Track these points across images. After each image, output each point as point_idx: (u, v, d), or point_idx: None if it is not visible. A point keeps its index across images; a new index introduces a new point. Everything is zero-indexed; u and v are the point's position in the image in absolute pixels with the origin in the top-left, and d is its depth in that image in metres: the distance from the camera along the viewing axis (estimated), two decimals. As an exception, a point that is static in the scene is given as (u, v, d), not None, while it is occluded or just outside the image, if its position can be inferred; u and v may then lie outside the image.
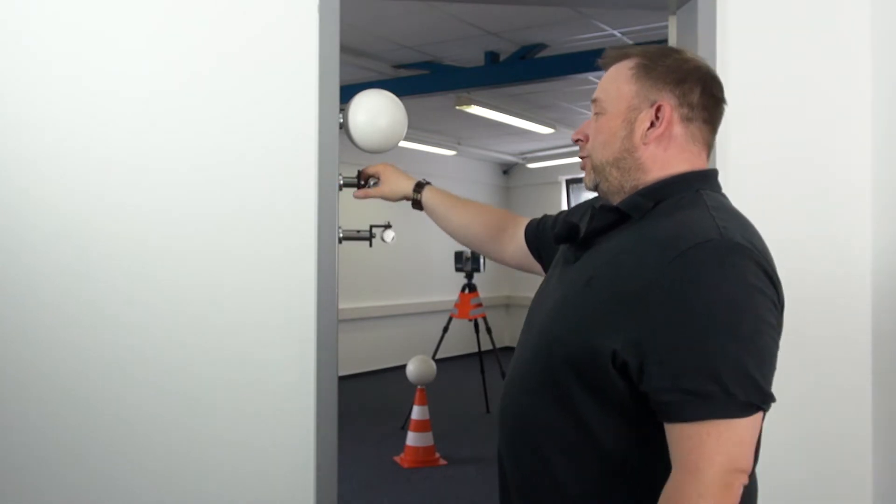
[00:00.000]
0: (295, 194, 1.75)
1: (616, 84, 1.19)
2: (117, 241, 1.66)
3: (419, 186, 1.70)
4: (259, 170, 1.73)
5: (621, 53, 1.21)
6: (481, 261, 6.50)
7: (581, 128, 1.26)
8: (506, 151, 9.50)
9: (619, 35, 4.57)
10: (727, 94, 1.21)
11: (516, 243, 1.58)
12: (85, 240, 1.64)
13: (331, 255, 1.76)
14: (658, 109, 1.15)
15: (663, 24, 2.75)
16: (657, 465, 1.01)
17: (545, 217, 1.56)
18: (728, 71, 1.93)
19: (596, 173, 1.21)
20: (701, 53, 1.91)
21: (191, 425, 1.70)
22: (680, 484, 0.97)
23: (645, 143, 1.16)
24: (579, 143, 1.26)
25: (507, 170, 10.59)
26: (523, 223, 1.62)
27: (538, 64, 4.84)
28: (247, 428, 1.73)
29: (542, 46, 4.81)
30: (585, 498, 1.10)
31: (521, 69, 4.91)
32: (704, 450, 0.95)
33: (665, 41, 2.17)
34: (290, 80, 1.75)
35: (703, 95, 1.15)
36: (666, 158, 1.16)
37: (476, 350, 6.35)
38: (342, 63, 1.78)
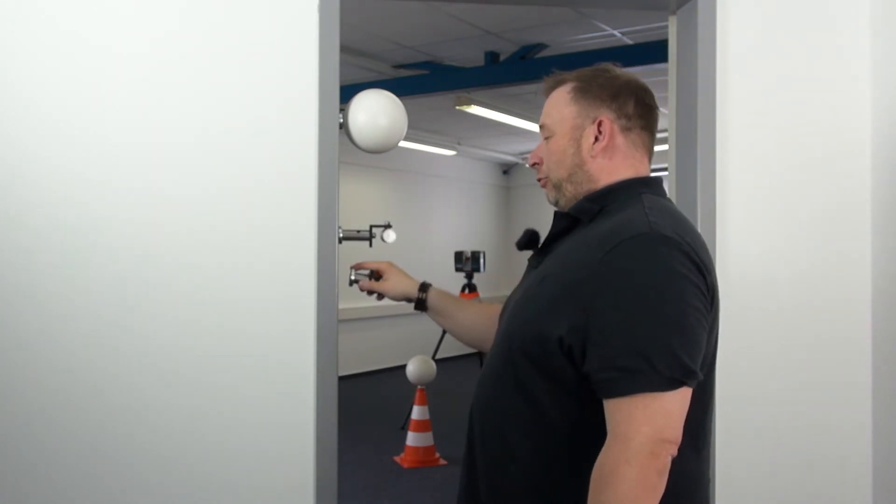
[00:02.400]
0: (295, 194, 1.75)
1: (558, 108, 1.33)
2: (116, 241, 1.66)
3: (424, 287, 1.69)
4: (259, 170, 1.73)
5: (557, 80, 1.35)
6: (481, 261, 6.50)
7: (534, 152, 1.38)
8: (506, 151, 9.50)
9: (618, 35, 4.57)
10: (727, 95, 1.24)
11: None
12: (81, 244, 1.65)
13: (331, 255, 1.76)
14: (599, 124, 1.28)
15: (663, 24, 2.75)
16: (602, 441, 1.09)
17: None
18: (728, 71, 1.93)
19: (555, 190, 1.34)
20: (701, 53, 1.91)
21: (190, 426, 1.70)
22: (610, 451, 1.06)
23: (592, 157, 1.28)
24: (536, 166, 1.38)
25: (507, 170, 10.60)
26: None
27: (538, 64, 4.84)
28: (247, 428, 1.73)
29: (542, 46, 4.82)
30: (541, 471, 1.19)
31: (521, 69, 4.91)
32: (632, 421, 1.05)
33: (665, 41, 2.17)
34: (290, 80, 1.75)
35: (637, 105, 1.28)
36: (612, 167, 1.28)
37: (476, 350, 6.34)
38: (342, 63, 1.78)
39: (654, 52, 4.22)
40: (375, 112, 1.75)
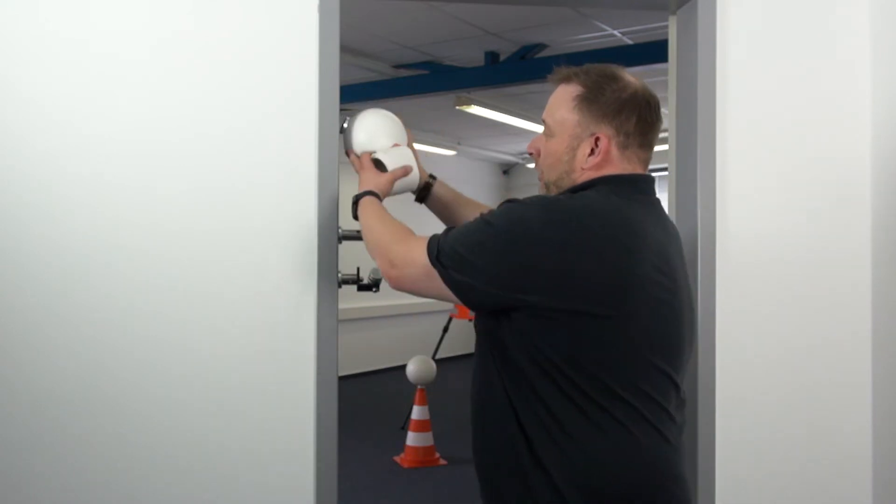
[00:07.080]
0: (295, 194, 1.75)
1: (561, 111, 1.33)
2: (115, 240, 1.66)
3: (432, 176, 1.74)
4: (259, 170, 1.73)
5: (566, 76, 1.34)
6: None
7: (533, 141, 1.41)
8: (506, 151, 9.50)
9: (618, 35, 4.57)
10: (727, 95, 1.24)
11: None
12: (81, 243, 1.65)
13: (331, 255, 1.76)
14: (596, 140, 1.28)
15: (663, 23, 2.75)
16: (580, 420, 1.19)
17: None
18: (728, 71, 1.93)
19: (545, 188, 1.38)
20: (701, 54, 1.91)
21: (190, 426, 1.70)
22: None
23: (584, 168, 1.30)
24: (532, 155, 1.41)
25: (507, 170, 10.60)
26: None
27: (538, 64, 4.84)
28: (247, 428, 1.73)
29: (542, 46, 4.82)
30: (510, 452, 1.29)
31: (521, 69, 4.91)
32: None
33: (665, 41, 2.17)
34: (291, 80, 1.75)
35: (638, 123, 1.29)
36: (596, 175, 1.31)
37: (476, 350, 6.35)
38: (342, 63, 1.78)
39: (654, 52, 4.22)
40: (374, 132, 1.75)
